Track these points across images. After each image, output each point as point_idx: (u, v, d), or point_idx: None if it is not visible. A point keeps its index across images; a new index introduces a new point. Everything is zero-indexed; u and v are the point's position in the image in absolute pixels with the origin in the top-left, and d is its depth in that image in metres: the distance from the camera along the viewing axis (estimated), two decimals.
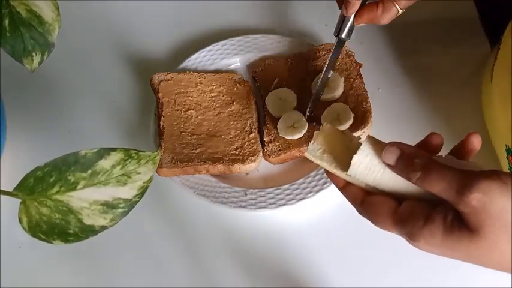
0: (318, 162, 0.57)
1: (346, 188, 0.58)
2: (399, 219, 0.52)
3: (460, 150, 0.56)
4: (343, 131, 0.59)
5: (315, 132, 0.58)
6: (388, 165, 0.53)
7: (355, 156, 0.54)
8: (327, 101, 0.82)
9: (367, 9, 0.73)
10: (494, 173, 0.48)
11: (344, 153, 0.57)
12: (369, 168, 0.54)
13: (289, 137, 0.80)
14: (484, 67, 0.82)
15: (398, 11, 0.73)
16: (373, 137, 0.56)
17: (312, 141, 0.58)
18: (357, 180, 0.55)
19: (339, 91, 0.82)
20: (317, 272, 0.75)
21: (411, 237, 0.51)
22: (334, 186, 0.76)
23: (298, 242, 0.78)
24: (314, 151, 0.57)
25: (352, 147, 0.56)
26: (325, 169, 0.58)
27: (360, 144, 0.55)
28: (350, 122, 0.79)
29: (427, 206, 0.52)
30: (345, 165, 0.55)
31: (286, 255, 0.77)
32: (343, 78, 0.83)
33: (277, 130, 0.81)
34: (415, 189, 0.53)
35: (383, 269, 0.75)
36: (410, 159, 0.52)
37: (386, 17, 0.73)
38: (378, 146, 0.55)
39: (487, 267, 0.51)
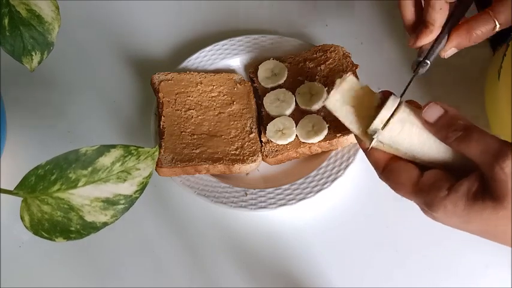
0: (335, 113, 0.57)
1: (372, 151, 0.57)
2: (420, 188, 0.52)
3: None
4: (365, 85, 0.58)
5: (337, 81, 0.57)
6: (426, 123, 0.53)
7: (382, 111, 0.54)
8: (308, 111, 0.82)
9: (454, 33, 0.67)
10: None
11: (364, 108, 0.57)
12: (390, 128, 0.54)
13: (274, 141, 0.80)
14: (486, 66, 0.81)
15: (496, 27, 0.66)
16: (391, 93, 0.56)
17: (334, 90, 0.57)
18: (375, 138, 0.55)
19: (320, 102, 0.82)
20: (317, 272, 0.76)
21: (430, 207, 0.51)
22: (334, 186, 0.77)
23: (298, 242, 0.78)
24: (333, 101, 0.57)
25: (373, 103, 0.57)
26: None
27: (380, 99, 0.56)
28: (325, 132, 0.79)
29: (450, 177, 0.52)
30: (364, 120, 0.56)
31: (286, 255, 0.77)
32: (325, 89, 0.82)
33: (265, 130, 0.81)
34: (438, 155, 0.54)
35: (383, 269, 0.75)
36: (453, 119, 0.52)
37: (480, 33, 0.66)
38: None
39: (500, 243, 0.51)
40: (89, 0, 0.98)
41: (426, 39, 0.67)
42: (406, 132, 0.54)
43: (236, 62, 0.90)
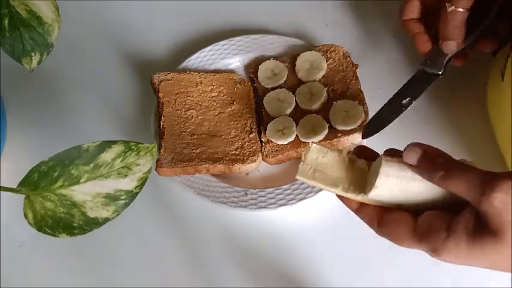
0: (311, 182, 0.57)
1: (360, 209, 0.57)
2: (420, 236, 0.52)
3: None
4: (331, 148, 0.58)
5: (302, 153, 0.58)
6: (410, 166, 0.52)
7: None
8: (308, 110, 0.82)
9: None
10: None
11: (337, 169, 0.57)
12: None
13: (274, 141, 0.80)
14: (486, 67, 0.81)
15: None
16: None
17: (301, 163, 0.57)
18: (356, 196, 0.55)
19: (320, 102, 0.82)
20: (317, 271, 0.75)
21: (435, 252, 0.50)
22: None
23: (298, 242, 0.78)
24: (305, 171, 0.57)
25: (345, 160, 0.57)
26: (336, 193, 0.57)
27: (351, 155, 0.57)
28: (325, 132, 0.79)
29: (444, 215, 0.51)
30: (341, 181, 0.56)
31: (286, 255, 0.77)
32: (325, 89, 0.82)
33: (265, 130, 0.81)
34: (427, 197, 0.53)
35: (383, 269, 0.75)
36: (432, 158, 0.51)
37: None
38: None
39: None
40: (89, 0, 0.99)
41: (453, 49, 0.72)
42: (391, 185, 0.53)
43: (236, 62, 0.90)
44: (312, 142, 0.58)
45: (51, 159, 0.54)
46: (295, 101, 0.83)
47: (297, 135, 0.80)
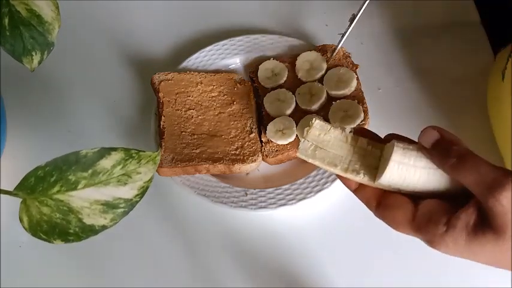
0: (310, 160, 0.55)
1: (359, 190, 0.56)
2: (418, 226, 0.51)
3: None
4: (333, 124, 0.57)
5: (305, 129, 0.56)
6: (422, 149, 0.51)
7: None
8: (308, 110, 0.82)
9: None
10: None
11: (338, 146, 0.55)
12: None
13: (274, 141, 0.80)
14: (487, 68, 0.81)
15: None
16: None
17: (303, 140, 0.56)
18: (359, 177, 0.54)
19: (320, 102, 0.82)
20: (317, 272, 0.76)
21: (431, 244, 0.50)
22: (335, 186, 0.77)
23: (298, 242, 0.78)
24: (305, 149, 0.55)
25: (347, 138, 0.55)
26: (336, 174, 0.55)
27: (352, 133, 0.55)
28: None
29: (445, 207, 0.50)
30: (340, 160, 0.55)
31: (286, 255, 0.77)
32: (325, 89, 0.82)
33: (266, 130, 0.81)
34: (431, 185, 0.52)
35: (383, 269, 0.75)
36: (448, 144, 0.50)
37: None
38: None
39: (510, 270, 0.50)
40: (89, 0, 0.98)
41: None
42: (399, 170, 0.52)
43: (236, 62, 0.90)
44: (315, 118, 0.56)
45: (48, 164, 0.53)
46: (295, 101, 0.82)
47: (297, 135, 0.80)
